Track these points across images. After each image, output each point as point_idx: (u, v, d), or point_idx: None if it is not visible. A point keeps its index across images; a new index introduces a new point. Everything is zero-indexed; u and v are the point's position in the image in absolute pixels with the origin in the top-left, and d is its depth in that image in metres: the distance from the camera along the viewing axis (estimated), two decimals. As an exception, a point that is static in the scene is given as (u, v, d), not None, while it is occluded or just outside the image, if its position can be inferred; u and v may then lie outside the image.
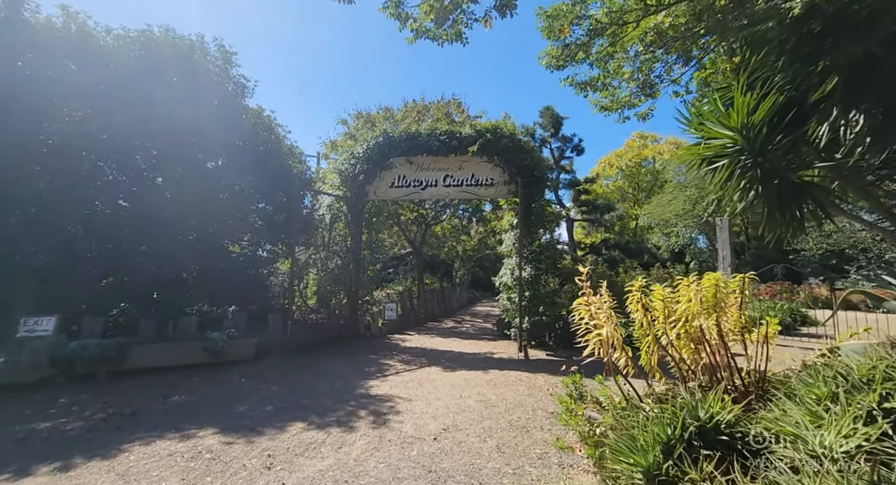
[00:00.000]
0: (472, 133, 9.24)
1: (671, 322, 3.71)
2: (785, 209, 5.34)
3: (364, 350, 8.78)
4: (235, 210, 9.22)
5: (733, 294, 3.90)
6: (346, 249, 10.01)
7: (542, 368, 6.63)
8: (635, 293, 3.73)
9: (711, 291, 3.76)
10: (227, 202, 9.02)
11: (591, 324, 3.53)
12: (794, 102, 5.00)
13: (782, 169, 5.38)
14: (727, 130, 5.19)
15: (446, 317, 17.42)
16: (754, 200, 5.54)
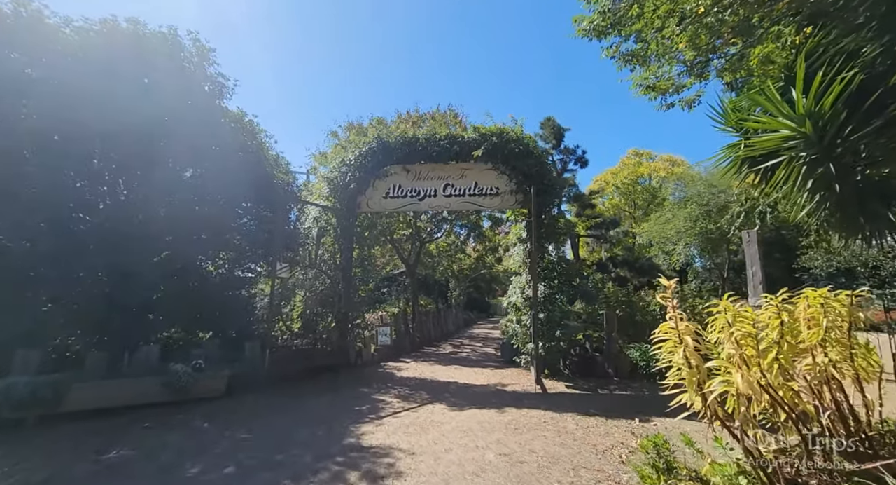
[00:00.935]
0: (475, 137, 8.43)
1: (780, 355, 2.75)
2: (867, 211, 4.48)
3: (355, 382, 7.65)
4: (212, 224, 8.20)
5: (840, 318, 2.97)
6: (334, 267, 8.98)
7: (566, 405, 5.58)
8: (722, 317, 2.78)
9: (820, 314, 2.82)
10: (202, 215, 8.01)
11: (682, 357, 2.54)
12: (871, 86, 4.21)
13: (859, 164, 4.54)
14: (789, 120, 4.37)
15: (443, 341, 16.26)
16: (827, 201, 4.69)
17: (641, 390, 6.44)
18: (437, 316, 18.47)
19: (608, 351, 7.70)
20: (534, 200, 6.93)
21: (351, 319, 8.95)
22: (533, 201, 6.92)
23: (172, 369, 6.21)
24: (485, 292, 41.07)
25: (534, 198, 6.94)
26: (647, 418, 4.80)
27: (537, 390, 6.49)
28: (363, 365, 9.43)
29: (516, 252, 8.41)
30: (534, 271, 6.94)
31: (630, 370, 7.49)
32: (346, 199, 8.92)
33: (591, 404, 5.59)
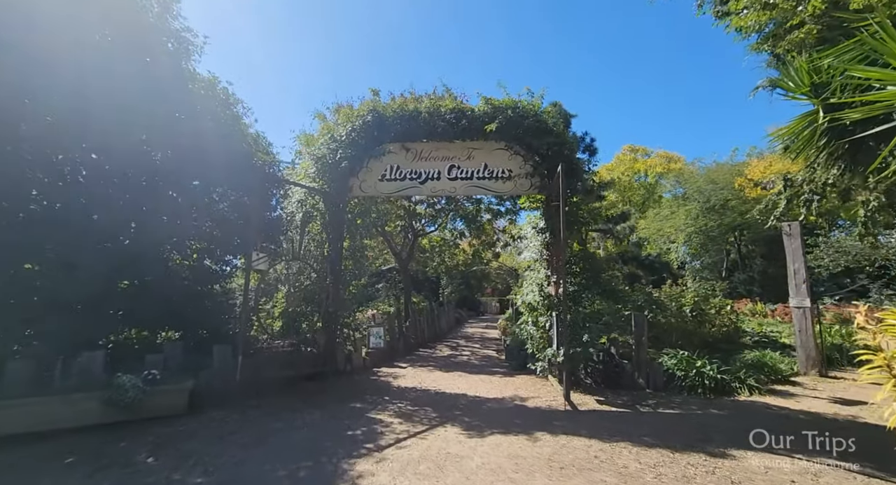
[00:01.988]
0: (487, 110, 7.32)
1: None
2: None
3: (345, 394, 6.50)
4: (176, 207, 6.94)
5: None
6: (321, 259, 7.79)
7: (608, 429, 4.53)
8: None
9: None
10: (163, 196, 6.74)
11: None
12: None
13: None
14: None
15: (437, 342, 15.16)
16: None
17: (688, 407, 5.43)
18: (431, 315, 17.36)
19: (638, 359, 6.70)
20: (562, 181, 5.85)
21: (341, 319, 7.78)
22: (561, 181, 5.84)
23: (117, 381, 4.98)
24: (476, 290, 40.13)
25: (562, 178, 5.86)
26: (726, 452, 3.77)
27: (565, 407, 5.43)
28: (353, 372, 8.26)
29: (532, 244, 7.34)
30: (561, 265, 5.86)
31: (665, 381, 6.50)
32: (336, 180, 7.72)
33: (638, 427, 4.56)
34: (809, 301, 7.52)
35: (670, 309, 7.65)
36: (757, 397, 5.86)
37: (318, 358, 7.50)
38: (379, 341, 9.02)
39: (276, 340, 7.64)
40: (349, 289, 7.99)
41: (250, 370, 6.41)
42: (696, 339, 7.82)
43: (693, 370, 6.27)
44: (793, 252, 7.72)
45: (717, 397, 5.95)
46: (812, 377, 7.12)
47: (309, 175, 7.87)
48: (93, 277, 5.83)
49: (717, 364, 6.37)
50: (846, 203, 7.53)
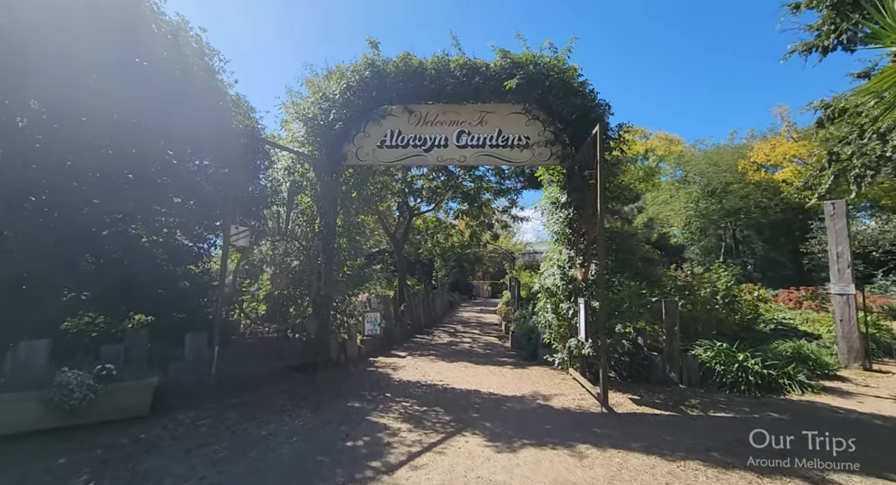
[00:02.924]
0: (504, 65, 6.34)
1: None
2: None
3: (339, 389, 5.67)
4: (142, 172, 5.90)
5: None
6: (311, 236, 6.85)
7: (660, 438, 3.78)
8: None
9: None
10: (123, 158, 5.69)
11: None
12: None
13: None
14: None
15: (434, 327, 14.43)
16: None
17: (740, 409, 4.72)
18: (427, 299, 16.58)
19: (670, 350, 5.97)
20: (600, 142, 4.94)
21: (335, 304, 6.90)
22: (599, 143, 4.94)
23: (61, 379, 4.06)
24: (468, 273, 39.54)
25: (600, 138, 4.94)
26: (826, 478, 3.03)
27: (600, 409, 4.67)
28: (348, 362, 7.43)
29: (553, 221, 6.48)
30: (600, 244, 4.97)
31: (701, 377, 5.79)
32: (329, 146, 6.72)
33: (696, 436, 3.82)
34: (853, 287, 6.86)
35: (699, 295, 6.93)
36: (811, 397, 5.18)
37: (309, 347, 6.64)
38: (375, 328, 8.19)
39: (259, 325, 6.73)
40: (343, 270, 7.08)
41: (230, 361, 5.53)
42: (725, 328, 7.14)
43: (735, 365, 5.56)
44: (836, 233, 7.02)
45: (764, 395, 5.26)
46: (856, 371, 6.50)
47: (297, 140, 6.85)
48: (33, 251, 4.84)
49: (762, 358, 5.68)
50: None
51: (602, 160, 4.92)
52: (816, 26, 8.73)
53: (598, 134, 4.91)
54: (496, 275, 42.84)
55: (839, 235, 6.98)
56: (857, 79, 8.80)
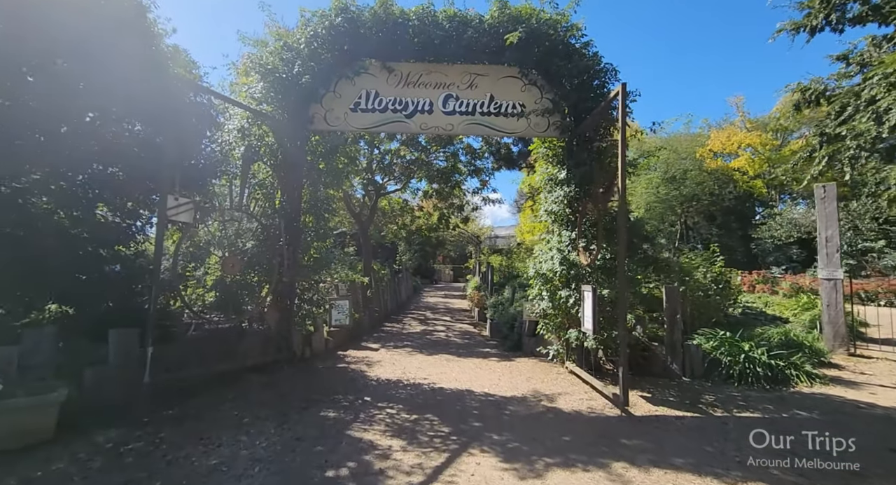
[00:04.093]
0: (501, 19, 5.52)
1: None
2: None
3: (308, 392, 4.79)
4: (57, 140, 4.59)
5: None
6: (271, 213, 5.80)
7: (705, 453, 3.28)
8: None
9: None
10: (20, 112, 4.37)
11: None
12: None
13: None
14: None
15: (401, 313, 13.67)
16: None
17: (759, 405, 4.36)
18: (393, 284, 15.74)
19: (671, 340, 5.57)
20: (622, 104, 4.26)
21: (301, 291, 5.95)
22: (621, 110, 4.27)
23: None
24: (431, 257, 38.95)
25: (623, 98, 4.26)
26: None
27: (617, 412, 4.13)
28: (314, 357, 6.54)
29: (552, 200, 5.83)
30: (622, 225, 4.32)
31: (705, 369, 5.43)
32: (293, 105, 5.64)
33: (736, 444, 3.35)
34: (841, 273, 6.79)
35: (697, 280, 6.61)
36: (821, 388, 4.94)
37: (269, 342, 5.68)
38: (344, 318, 7.27)
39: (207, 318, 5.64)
40: (310, 253, 6.10)
41: (169, 364, 4.50)
42: (716, 314, 6.89)
43: (742, 355, 5.23)
44: (826, 217, 6.89)
45: (773, 388, 4.97)
46: (843, 357, 6.45)
47: (254, 97, 5.70)
48: None
49: (766, 347, 5.40)
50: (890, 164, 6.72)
51: (624, 126, 4.27)
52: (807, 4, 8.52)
53: (622, 95, 4.24)
54: (457, 259, 42.54)
55: (829, 218, 6.87)
56: (836, 61, 8.75)
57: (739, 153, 24.41)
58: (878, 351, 6.74)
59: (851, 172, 6.63)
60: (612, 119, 5.53)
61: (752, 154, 24.39)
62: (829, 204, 6.88)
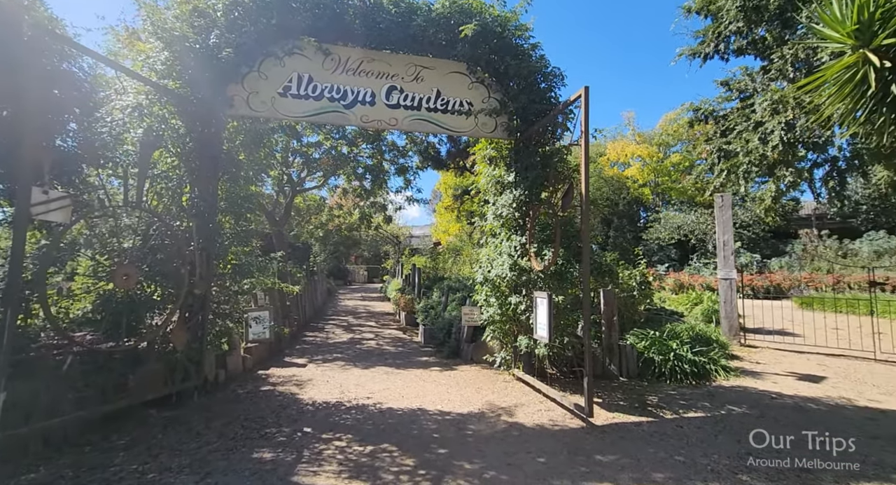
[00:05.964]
0: (451, 11, 5.22)
1: None
2: None
3: (231, 430, 4.00)
4: None
5: None
6: (177, 212, 4.78)
7: (686, 464, 3.28)
8: None
9: None
10: None
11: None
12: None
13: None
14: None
15: (321, 320, 12.70)
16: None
17: (698, 403, 4.65)
18: (310, 288, 14.58)
19: (609, 342, 5.79)
20: (585, 110, 4.20)
21: (217, 303, 5.02)
22: (585, 110, 4.20)
23: None
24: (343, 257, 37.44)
25: (585, 106, 4.20)
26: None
27: (579, 423, 4.08)
28: (231, 381, 5.60)
29: (501, 204, 5.68)
30: (586, 231, 4.25)
31: (639, 368, 5.73)
32: (208, 83, 4.70)
33: (702, 449, 3.46)
34: (735, 272, 7.72)
35: (625, 282, 7.01)
36: (735, 381, 5.49)
37: (175, 368, 4.68)
38: (264, 331, 6.37)
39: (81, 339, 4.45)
40: (229, 258, 5.18)
41: (31, 408, 3.40)
42: (637, 313, 7.39)
43: (671, 353, 5.62)
44: (723, 224, 7.79)
45: (699, 383, 5.40)
46: (737, 348, 7.33)
47: (155, 68, 4.64)
48: None
49: (690, 345, 5.87)
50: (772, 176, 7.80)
51: (587, 130, 4.22)
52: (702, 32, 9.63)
53: (584, 99, 4.19)
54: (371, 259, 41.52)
55: (725, 225, 7.77)
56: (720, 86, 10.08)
57: (631, 163, 27.29)
58: (759, 341, 7.81)
59: (745, 185, 7.60)
60: (559, 123, 5.55)
61: (642, 164, 27.42)
62: (725, 212, 7.80)
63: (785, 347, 7.43)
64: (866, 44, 2.60)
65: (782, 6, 7.19)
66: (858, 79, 2.69)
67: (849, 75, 2.76)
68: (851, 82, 2.75)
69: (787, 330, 8.76)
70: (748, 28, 8.13)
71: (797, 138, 7.12)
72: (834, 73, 2.85)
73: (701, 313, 10.20)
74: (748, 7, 7.72)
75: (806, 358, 6.76)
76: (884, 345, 6.83)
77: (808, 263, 19.42)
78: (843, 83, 2.81)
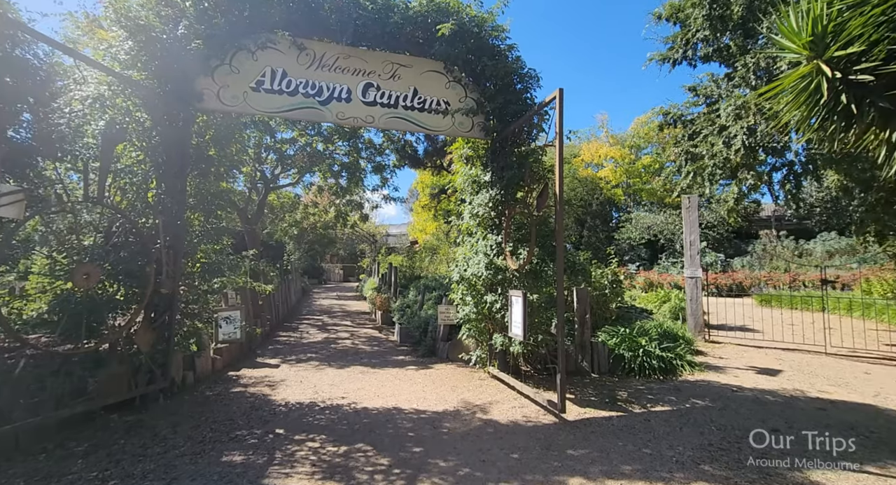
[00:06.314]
0: (429, 9, 5.22)
1: None
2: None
3: (199, 433, 3.88)
4: None
5: None
6: (143, 208, 4.61)
7: (653, 456, 3.40)
8: None
9: None
10: None
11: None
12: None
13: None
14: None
15: (295, 319, 12.48)
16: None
17: (665, 397, 4.82)
18: (284, 287, 14.28)
19: (581, 339, 5.93)
20: (559, 110, 4.27)
21: (182, 303, 4.85)
22: (559, 111, 4.27)
23: None
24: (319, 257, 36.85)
25: (560, 106, 4.27)
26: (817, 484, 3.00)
27: (552, 419, 4.16)
28: (199, 383, 5.43)
29: (478, 203, 5.71)
30: (560, 230, 4.33)
31: (610, 364, 5.89)
32: (177, 75, 4.54)
33: (668, 441, 3.59)
34: (701, 271, 8.03)
35: (597, 281, 7.18)
36: (700, 375, 5.71)
37: (139, 371, 4.50)
38: (234, 331, 6.27)
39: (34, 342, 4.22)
40: (198, 256, 5.01)
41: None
42: (608, 311, 7.59)
43: (640, 350, 5.80)
44: (690, 224, 8.08)
45: (666, 378, 5.60)
46: (702, 343, 7.63)
47: (118, 58, 4.44)
48: None
49: (658, 341, 6.07)
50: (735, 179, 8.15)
51: (562, 131, 4.30)
52: (671, 38, 9.96)
53: (559, 100, 4.26)
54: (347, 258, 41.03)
55: (692, 225, 8.07)
56: (688, 91, 10.47)
57: (604, 164, 27.95)
58: (722, 337, 8.17)
59: (710, 187, 7.92)
60: (535, 124, 5.63)
61: (615, 166, 28.12)
62: (692, 213, 8.10)
63: (746, 343, 7.78)
64: (820, 55, 2.76)
65: (745, 17, 7.52)
66: (812, 88, 2.85)
67: (804, 84, 2.92)
68: (806, 91, 2.91)
69: (747, 326, 9.18)
70: (714, 36, 8.46)
71: (758, 143, 7.47)
72: (791, 81, 3.01)
73: (669, 311, 10.55)
74: (714, 16, 8.03)
75: (764, 353, 7.11)
76: (833, 339, 7.26)
77: (768, 263, 20.39)
78: (799, 92, 2.98)
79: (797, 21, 2.88)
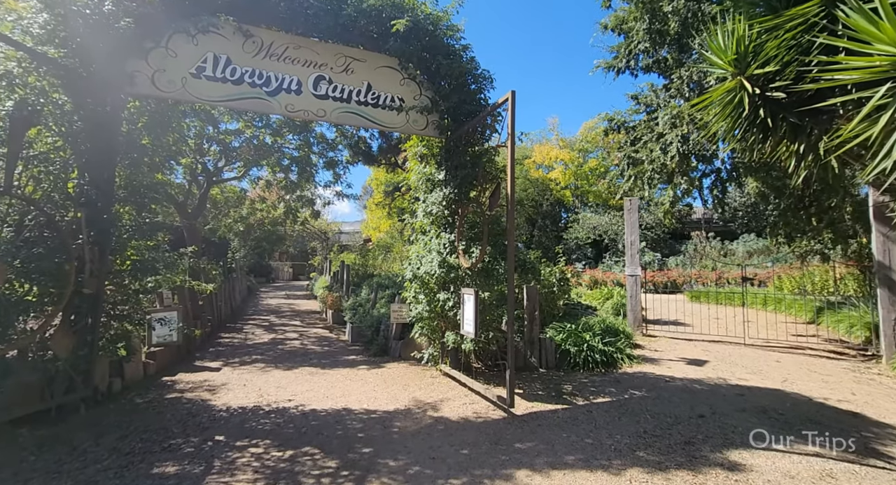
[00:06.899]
0: (384, 3, 5.14)
1: None
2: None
3: (124, 446, 3.59)
4: None
5: None
6: (62, 200, 4.18)
7: (594, 446, 3.57)
8: None
9: None
10: None
11: None
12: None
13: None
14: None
15: (239, 320, 11.87)
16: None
17: (606, 389, 5.08)
18: (227, 286, 13.53)
19: (531, 336, 6.12)
20: (512, 111, 4.35)
21: (109, 304, 4.46)
22: (511, 112, 4.34)
23: None
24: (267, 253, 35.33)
25: (512, 107, 4.35)
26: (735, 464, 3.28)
27: (501, 414, 4.25)
28: (129, 390, 5.02)
29: (431, 201, 5.71)
30: (511, 229, 4.41)
31: (557, 359, 6.13)
32: (104, 55, 4.15)
33: (608, 431, 3.79)
34: (640, 270, 8.54)
35: (546, 279, 7.43)
36: (638, 367, 6.08)
37: (55, 378, 4.09)
38: (171, 334, 5.89)
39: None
40: (128, 253, 4.62)
41: None
42: (555, 308, 7.88)
43: (584, 345, 6.07)
44: (631, 225, 8.57)
45: (607, 370, 5.91)
46: (640, 337, 8.13)
47: (31, 33, 4.00)
48: None
49: (601, 336, 6.38)
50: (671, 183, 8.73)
51: (513, 132, 4.40)
52: (616, 47, 10.50)
53: (511, 102, 4.35)
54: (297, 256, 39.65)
55: (633, 226, 8.57)
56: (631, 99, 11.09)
57: (555, 166, 28.96)
58: (658, 330, 8.75)
59: (650, 190, 8.44)
60: (489, 125, 5.72)
61: (564, 168, 29.23)
62: (633, 214, 8.59)
63: (678, 336, 8.39)
64: (742, 72, 3.02)
65: (680, 32, 8.07)
66: (736, 101, 3.11)
67: (729, 98, 3.18)
68: (731, 104, 3.17)
69: (680, 321, 9.89)
70: (653, 49, 9.01)
71: (691, 150, 8.05)
72: (718, 95, 3.27)
73: (611, 307, 11.13)
74: (653, 30, 8.56)
75: (694, 345, 7.69)
76: (751, 331, 8.01)
77: (698, 262, 22.07)
78: (725, 104, 3.24)
79: (724, 40, 3.12)
